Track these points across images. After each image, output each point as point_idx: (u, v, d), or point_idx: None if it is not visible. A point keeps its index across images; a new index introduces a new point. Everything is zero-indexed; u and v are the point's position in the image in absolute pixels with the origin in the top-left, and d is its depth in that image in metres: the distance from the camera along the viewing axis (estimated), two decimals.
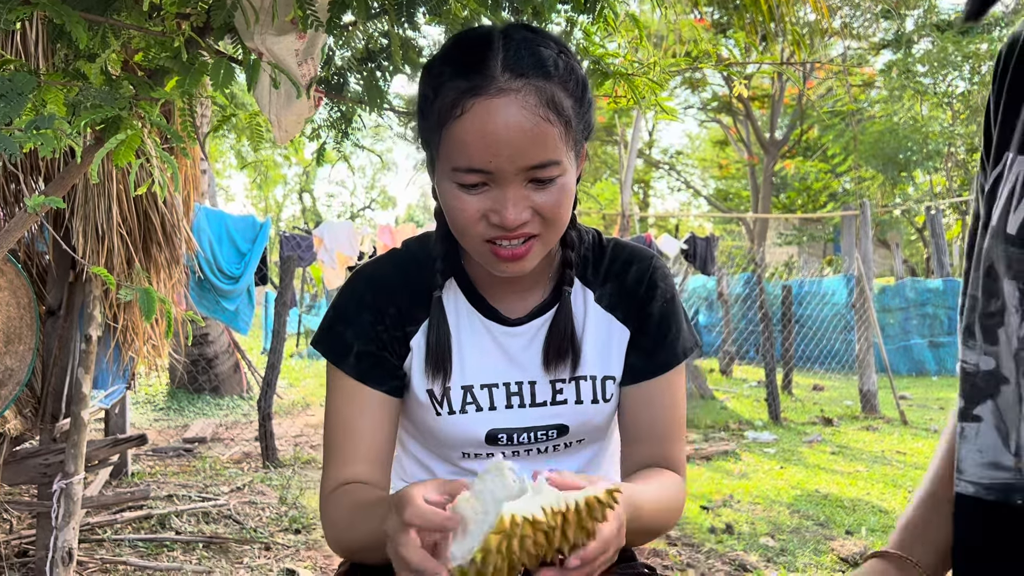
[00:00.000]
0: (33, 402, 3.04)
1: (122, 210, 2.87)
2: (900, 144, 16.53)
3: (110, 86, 1.43)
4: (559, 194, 1.01)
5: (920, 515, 0.96)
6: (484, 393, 1.16)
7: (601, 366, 1.18)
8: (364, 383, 1.14)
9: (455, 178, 1.00)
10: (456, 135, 0.98)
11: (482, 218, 1.01)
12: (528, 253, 1.03)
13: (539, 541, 0.79)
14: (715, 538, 3.89)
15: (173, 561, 3.31)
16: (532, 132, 0.96)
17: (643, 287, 1.19)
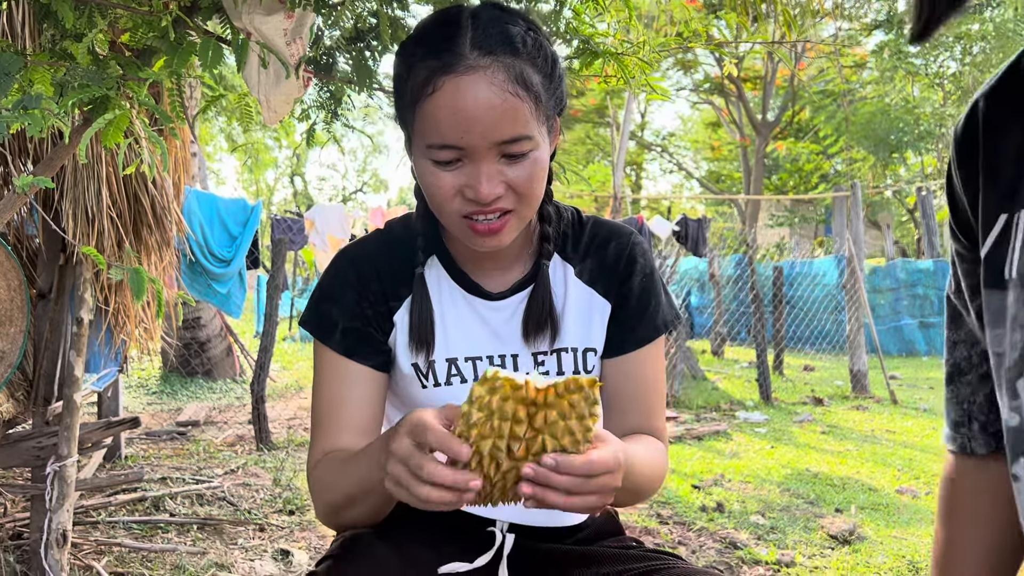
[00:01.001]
0: (25, 385, 3.04)
1: (112, 192, 2.86)
2: (891, 125, 16.54)
3: (97, 66, 1.43)
4: (532, 168, 1.04)
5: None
6: (468, 365, 1.18)
7: (582, 338, 1.20)
8: (350, 358, 1.17)
9: (430, 155, 1.03)
10: (428, 112, 1.01)
11: (457, 194, 1.04)
12: (504, 228, 1.06)
13: (519, 413, 0.83)
14: (706, 516, 3.92)
15: (167, 543, 3.33)
16: (502, 107, 0.99)
17: (622, 262, 1.22)
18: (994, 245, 0.87)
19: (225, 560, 3.15)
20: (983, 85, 0.92)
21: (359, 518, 1.10)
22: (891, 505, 4.18)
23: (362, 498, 1.05)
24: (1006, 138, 0.87)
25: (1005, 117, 0.87)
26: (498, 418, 0.83)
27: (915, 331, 12.94)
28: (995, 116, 0.88)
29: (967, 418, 1.02)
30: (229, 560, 3.16)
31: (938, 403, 7.75)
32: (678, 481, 4.60)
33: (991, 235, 0.88)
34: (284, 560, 3.21)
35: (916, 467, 5.06)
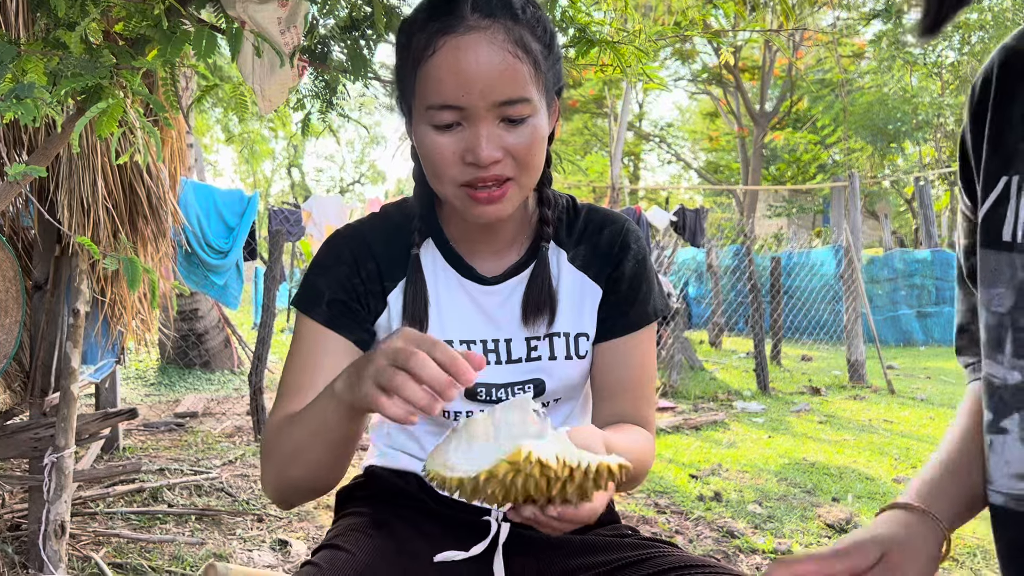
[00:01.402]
0: (22, 376, 3.03)
1: (107, 183, 2.85)
2: (889, 115, 16.52)
3: (91, 55, 1.42)
4: (531, 135, 1.04)
5: (939, 476, 0.99)
6: (463, 348, 1.17)
7: (574, 323, 1.20)
8: (332, 329, 1.15)
9: (429, 118, 1.03)
10: (429, 73, 1.02)
11: (457, 160, 1.03)
12: (504, 196, 1.05)
13: (540, 485, 0.79)
14: (703, 506, 3.93)
15: (166, 533, 3.33)
16: (501, 66, 1.00)
17: (615, 248, 1.22)
18: (993, 206, 0.89)
19: (223, 550, 3.16)
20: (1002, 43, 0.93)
21: (304, 474, 1.03)
22: (888, 494, 4.19)
23: (311, 442, 0.99)
24: (1014, 102, 0.88)
25: (1015, 81, 0.88)
26: (514, 492, 0.80)
27: (912, 321, 12.97)
28: (1006, 79, 0.90)
29: (977, 361, 1.07)
30: (227, 550, 3.16)
31: (935, 393, 7.77)
32: (676, 471, 4.61)
33: (990, 197, 0.90)
34: (282, 550, 3.21)
35: (913, 456, 5.07)
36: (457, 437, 0.87)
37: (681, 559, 1.12)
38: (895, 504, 0.96)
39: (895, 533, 0.90)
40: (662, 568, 1.10)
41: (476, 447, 0.83)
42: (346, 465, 1.04)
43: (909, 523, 0.92)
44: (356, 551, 1.11)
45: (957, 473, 0.98)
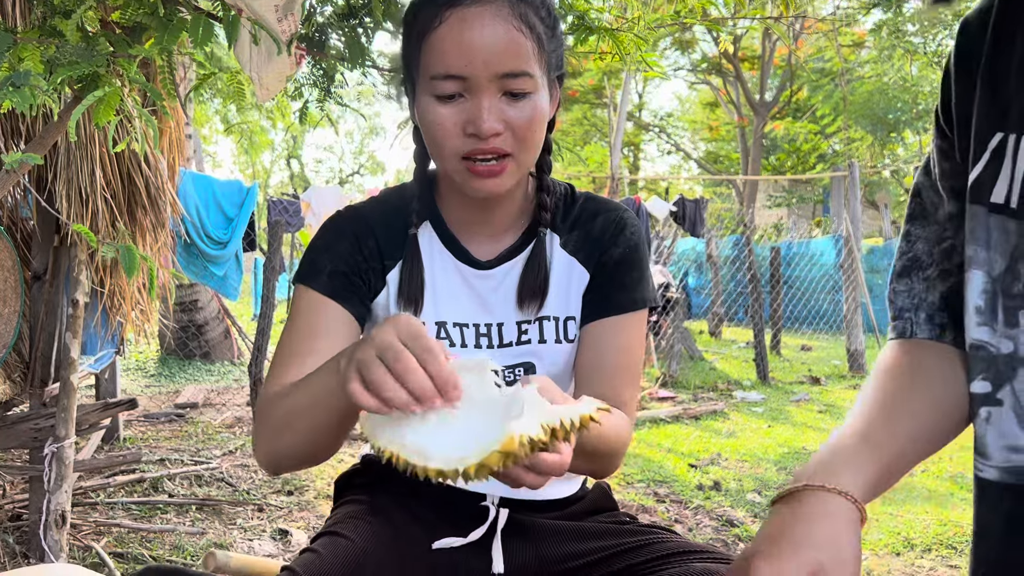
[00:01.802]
0: (22, 367, 3.04)
1: (106, 173, 2.85)
2: (889, 104, 16.50)
3: (87, 43, 1.41)
4: (532, 112, 1.05)
5: (850, 446, 0.88)
6: (456, 331, 1.18)
7: (563, 307, 1.20)
8: (333, 299, 1.14)
9: (432, 88, 1.04)
10: (433, 44, 1.04)
11: (458, 131, 1.04)
12: (503, 171, 1.06)
13: (525, 453, 0.75)
14: (703, 495, 3.94)
15: (167, 523, 3.34)
16: (505, 39, 1.02)
17: (608, 234, 1.22)
18: (987, 163, 0.85)
19: (224, 540, 3.17)
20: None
21: (295, 444, 0.99)
22: None
23: (304, 414, 0.95)
24: (1013, 50, 0.83)
25: (1015, 26, 0.83)
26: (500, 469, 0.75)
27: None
28: (1005, 22, 0.84)
29: (914, 308, 0.99)
30: (228, 540, 3.17)
31: None
32: (675, 460, 4.61)
33: (985, 153, 0.85)
34: (283, 539, 3.22)
35: None
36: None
37: (680, 545, 1.12)
38: (801, 487, 0.83)
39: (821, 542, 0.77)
40: (661, 554, 1.11)
41: (443, 426, 0.77)
42: (339, 442, 1.00)
43: (829, 514, 0.80)
44: (355, 538, 1.11)
45: (876, 444, 0.88)
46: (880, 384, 0.95)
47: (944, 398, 0.93)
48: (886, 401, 0.92)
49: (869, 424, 0.90)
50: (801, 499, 0.81)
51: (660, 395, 6.64)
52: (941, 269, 0.98)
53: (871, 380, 0.97)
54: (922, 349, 0.98)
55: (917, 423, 0.91)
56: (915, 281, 0.99)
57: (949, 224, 0.96)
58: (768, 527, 0.81)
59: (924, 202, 1.00)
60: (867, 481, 0.84)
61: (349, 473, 1.34)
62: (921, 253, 0.99)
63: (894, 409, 0.91)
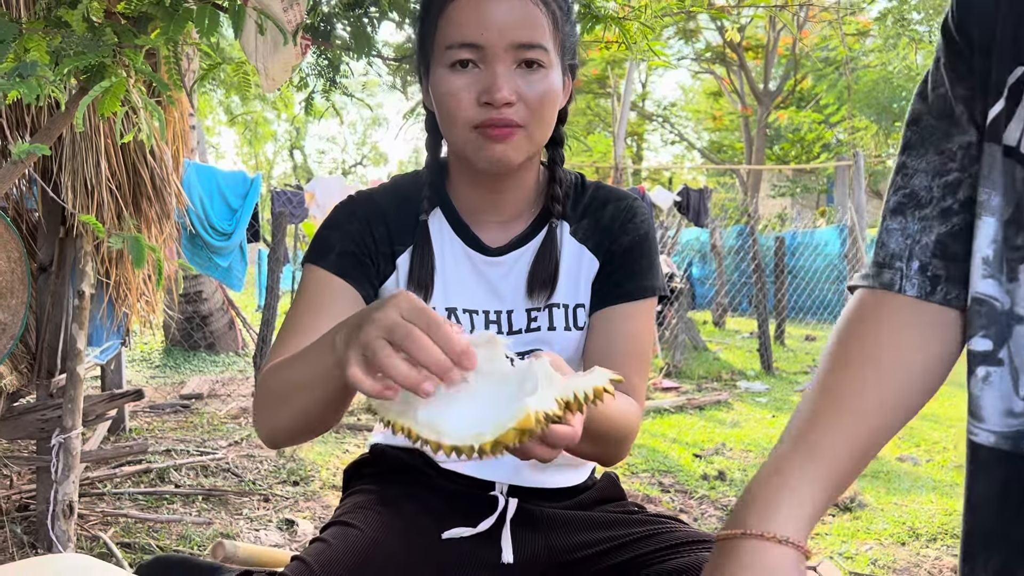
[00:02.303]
0: (28, 358, 3.04)
1: (111, 164, 2.85)
2: (894, 93, 16.41)
3: (93, 34, 1.41)
4: (546, 87, 1.07)
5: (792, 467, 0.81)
6: (466, 317, 1.19)
7: (572, 295, 1.20)
8: (341, 277, 1.13)
9: (448, 58, 1.06)
10: (453, 15, 1.06)
11: (472, 101, 1.05)
12: (513, 137, 1.06)
13: (541, 429, 0.74)
14: (707, 485, 3.94)
15: (173, 513, 3.35)
16: (523, 11, 1.04)
17: (618, 222, 1.22)
18: (1006, 100, 0.76)
19: (230, 530, 3.18)
20: None
21: (293, 419, 0.96)
22: (891, 472, 4.21)
23: (300, 390, 0.92)
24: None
25: None
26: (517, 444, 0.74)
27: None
28: None
29: (907, 255, 0.87)
30: (234, 530, 3.18)
31: None
32: (679, 450, 4.62)
33: (1004, 88, 0.77)
34: (289, 529, 3.23)
35: (916, 435, 5.08)
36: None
37: (688, 534, 1.13)
38: (739, 535, 0.77)
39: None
40: (669, 543, 1.11)
41: (455, 401, 0.76)
42: (337, 417, 0.96)
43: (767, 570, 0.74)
44: (365, 527, 1.11)
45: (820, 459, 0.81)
46: (834, 368, 0.87)
47: (910, 379, 0.85)
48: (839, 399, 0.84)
49: (815, 433, 0.82)
50: (740, 552, 0.76)
51: (664, 385, 6.65)
52: (941, 208, 0.85)
53: (829, 354, 0.88)
54: (898, 313, 0.87)
55: (873, 420, 0.83)
56: (910, 220, 0.87)
57: (958, 154, 0.85)
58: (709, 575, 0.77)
59: (923, 130, 0.88)
60: (811, 513, 0.78)
61: (357, 463, 1.34)
62: (919, 188, 0.87)
63: (846, 410, 0.83)
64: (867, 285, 0.90)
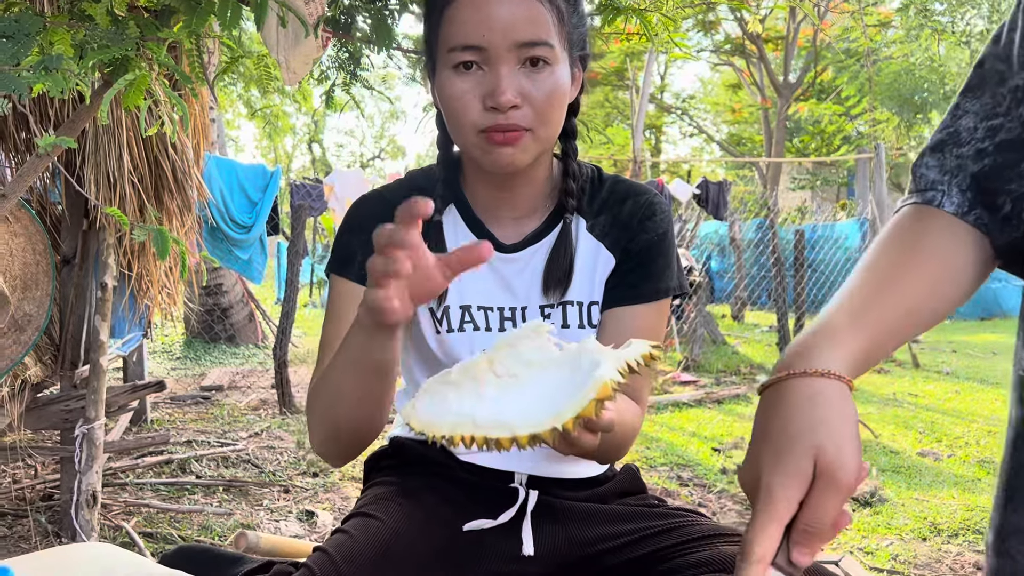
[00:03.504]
0: (52, 350, 3.08)
1: (133, 157, 2.87)
2: (916, 85, 16.24)
3: (116, 27, 1.42)
4: (552, 85, 1.05)
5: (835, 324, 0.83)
6: (481, 314, 1.19)
7: (587, 292, 1.19)
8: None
9: (451, 61, 1.05)
10: (452, 16, 1.04)
11: (477, 104, 1.04)
12: (519, 141, 1.05)
13: (612, 397, 0.75)
14: (726, 479, 3.93)
15: (194, 504, 3.38)
16: (523, 8, 1.02)
17: (636, 219, 1.21)
18: None
19: (251, 521, 3.21)
20: None
21: (346, 417, 0.99)
22: (913, 467, 4.17)
23: (350, 379, 0.94)
24: None
25: None
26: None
27: None
28: None
29: (946, 182, 0.90)
30: (255, 521, 3.21)
31: (960, 366, 7.70)
32: (698, 444, 4.61)
33: None
34: (309, 520, 3.26)
35: (938, 430, 5.04)
36: (455, 387, 0.80)
37: (709, 528, 1.12)
38: (784, 376, 0.79)
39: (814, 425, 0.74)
40: (691, 537, 1.10)
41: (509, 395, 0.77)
42: (387, 408, 0.98)
43: (815, 395, 0.76)
44: (386, 519, 1.12)
45: (863, 323, 0.83)
46: (877, 257, 0.90)
47: (942, 278, 0.87)
48: (880, 277, 0.87)
49: (858, 300, 0.85)
50: (785, 389, 0.78)
51: (683, 379, 6.63)
52: (977, 148, 0.88)
53: (872, 250, 0.91)
54: (936, 221, 0.90)
55: (909, 302, 0.86)
56: (948, 157, 0.91)
57: (1007, 98, 0.86)
58: (759, 424, 0.79)
59: (985, 72, 0.90)
60: (852, 358, 0.80)
61: (377, 455, 1.35)
62: (962, 129, 0.90)
63: (887, 285, 0.86)
64: (909, 202, 0.94)
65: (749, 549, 0.70)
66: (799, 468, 0.72)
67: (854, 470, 0.71)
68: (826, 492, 0.70)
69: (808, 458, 0.72)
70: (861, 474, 0.72)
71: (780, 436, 0.75)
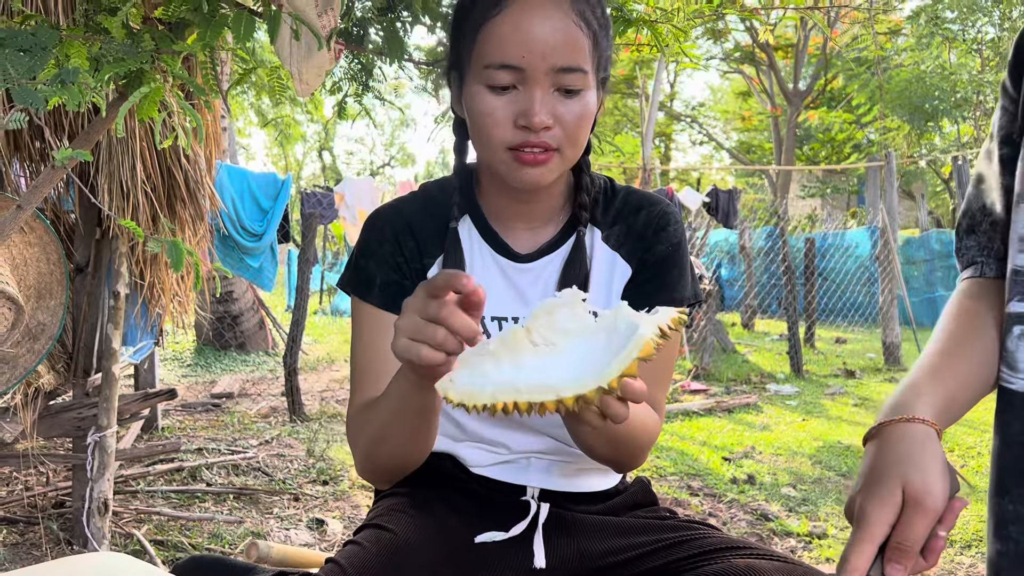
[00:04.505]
0: (65, 358, 3.10)
1: (146, 167, 2.89)
2: (927, 93, 16.17)
3: (132, 40, 1.43)
4: (582, 109, 1.06)
5: (919, 381, 0.99)
6: (494, 324, 1.19)
7: (604, 302, 1.20)
8: (389, 311, 1.17)
9: (486, 78, 1.05)
10: (492, 31, 1.04)
11: (509, 122, 1.05)
12: (548, 161, 1.07)
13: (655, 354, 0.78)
14: (737, 488, 3.92)
15: (205, 511, 3.39)
16: (565, 33, 1.03)
17: (651, 229, 1.21)
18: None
19: (261, 529, 3.21)
20: None
21: (393, 454, 1.07)
22: None
23: (393, 424, 1.02)
24: None
25: None
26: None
27: None
28: None
29: (986, 253, 1.10)
30: (265, 529, 3.22)
31: None
32: (709, 453, 4.59)
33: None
34: (319, 529, 3.26)
35: (950, 440, 5.01)
36: (494, 356, 0.81)
37: (721, 540, 1.12)
38: (885, 424, 0.94)
39: (902, 459, 0.89)
40: (703, 550, 1.10)
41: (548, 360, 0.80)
42: (431, 438, 1.05)
43: (906, 437, 0.91)
44: (398, 530, 1.12)
45: (941, 379, 0.99)
46: (947, 323, 1.07)
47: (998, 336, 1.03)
48: (951, 340, 1.04)
49: (936, 359, 1.01)
50: (881, 436, 0.93)
51: (693, 388, 6.61)
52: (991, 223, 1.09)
53: (941, 320, 1.09)
54: (988, 290, 1.07)
55: (977, 356, 1.02)
56: (979, 234, 1.11)
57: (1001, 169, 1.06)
58: (863, 466, 0.92)
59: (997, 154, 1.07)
60: (935, 407, 0.95)
61: None
62: (976, 210, 1.11)
63: (956, 346, 1.02)
64: (964, 277, 1.13)
65: (845, 563, 0.83)
66: (890, 495, 0.85)
67: (939, 496, 0.85)
68: (914, 515, 0.84)
69: (897, 486, 0.86)
70: (955, 505, 0.86)
71: (874, 470, 0.90)
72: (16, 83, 1.20)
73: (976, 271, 1.11)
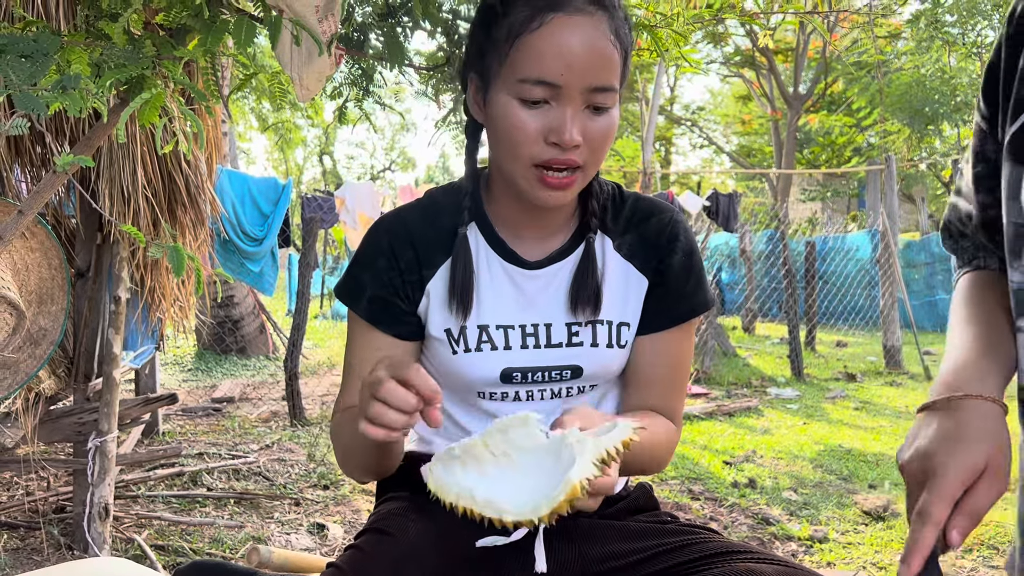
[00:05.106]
0: (66, 362, 3.10)
1: (147, 172, 2.89)
2: (927, 96, 16.18)
3: (133, 46, 1.44)
4: (609, 127, 1.07)
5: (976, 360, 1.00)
6: (500, 333, 1.18)
7: (618, 312, 1.20)
8: (374, 326, 1.20)
9: (519, 91, 1.04)
10: (531, 45, 1.03)
11: (539, 138, 1.05)
12: (573, 184, 1.08)
13: (586, 492, 0.87)
14: (738, 492, 3.92)
15: (206, 516, 3.39)
16: (603, 53, 1.03)
17: (663, 238, 1.22)
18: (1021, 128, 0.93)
19: (262, 533, 3.21)
20: None
21: (360, 464, 1.17)
22: None
23: (355, 449, 1.13)
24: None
25: None
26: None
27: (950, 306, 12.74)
28: None
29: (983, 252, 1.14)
30: (266, 533, 3.21)
31: None
32: (709, 457, 4.59)
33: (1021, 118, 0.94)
34: (319, 533, 3.26)
35: None
36: (461, 461, 0.94)
37: (723, 545, 1.12)
38: (960, 396, 0.95)
39: (988, 437, 0.90)
40: (704, 554, 1.10)
41: (504, 478, 0.92)
42: (395, 458, 1.15)
43: (985, 416, 0.93)
44: (399, 535, 1.12)
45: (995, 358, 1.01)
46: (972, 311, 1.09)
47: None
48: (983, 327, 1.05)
49: (983, 343, 1.02)
50: (958, 407, 0.94)
51: (693, 391, 6.61)
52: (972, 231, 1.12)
53: (960, 310, 1.11)
54: (994, 278, 1.10)
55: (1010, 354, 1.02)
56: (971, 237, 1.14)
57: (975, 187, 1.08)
58: (935, 430, 0.92)
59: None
60: (999, 387, 0.97)
61: None
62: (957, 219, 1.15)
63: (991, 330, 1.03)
64: (965, 271, 1.17)
65: (927, 513, 0.84)
66: (975, 462, 0.87)
67: (1009, 475, 0.88)
68: (991, 485, 0.87)
69: (983, 456, 0.88)
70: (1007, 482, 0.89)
71: (961, 436, 0.90)
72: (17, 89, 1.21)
73: (978, 264, 1.14)
